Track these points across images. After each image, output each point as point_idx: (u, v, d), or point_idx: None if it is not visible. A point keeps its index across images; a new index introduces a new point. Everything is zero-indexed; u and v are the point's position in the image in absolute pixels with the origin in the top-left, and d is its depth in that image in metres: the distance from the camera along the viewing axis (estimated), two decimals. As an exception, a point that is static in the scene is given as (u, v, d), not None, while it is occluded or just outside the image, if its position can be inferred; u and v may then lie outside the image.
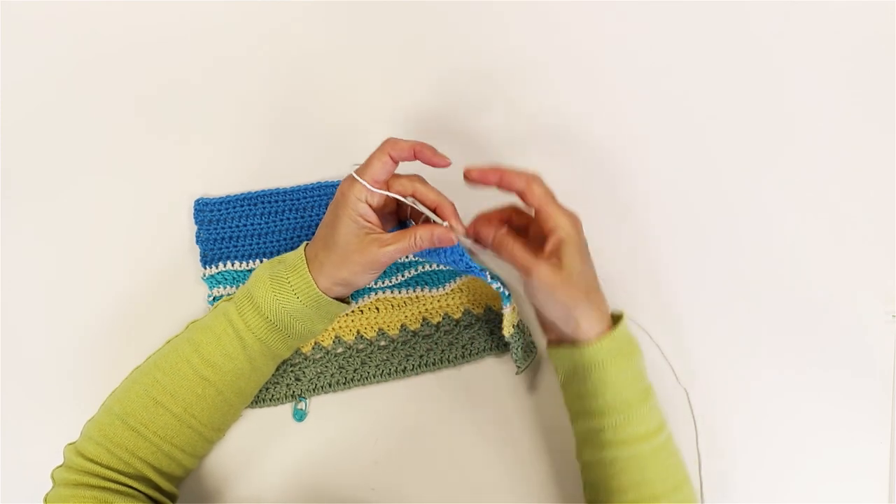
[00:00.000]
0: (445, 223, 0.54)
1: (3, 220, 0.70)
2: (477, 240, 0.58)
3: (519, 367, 0.64)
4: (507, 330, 0.58)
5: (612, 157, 0.72)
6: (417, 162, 0.55)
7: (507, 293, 0.57)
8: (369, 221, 0.54)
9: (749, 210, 0.72)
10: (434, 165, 0.54)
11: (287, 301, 0.56)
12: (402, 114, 0.72)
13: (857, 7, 0.75)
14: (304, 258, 0.56)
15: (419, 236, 0.54)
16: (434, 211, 0.55)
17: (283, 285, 0.56)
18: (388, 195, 0.55)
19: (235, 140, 0.71)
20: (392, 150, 0.53)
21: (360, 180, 0.53)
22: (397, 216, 0.60)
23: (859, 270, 0.71)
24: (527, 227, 0.59)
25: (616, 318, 0.58)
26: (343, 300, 0.59)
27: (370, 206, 0.54)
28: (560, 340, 0.58)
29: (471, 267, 0.56)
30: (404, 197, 0.55)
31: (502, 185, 0.56)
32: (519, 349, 0.62)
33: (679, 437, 0.59)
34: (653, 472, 0.55)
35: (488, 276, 0.57)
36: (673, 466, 0.57)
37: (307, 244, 0.58)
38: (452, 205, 0.56)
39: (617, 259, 0.65)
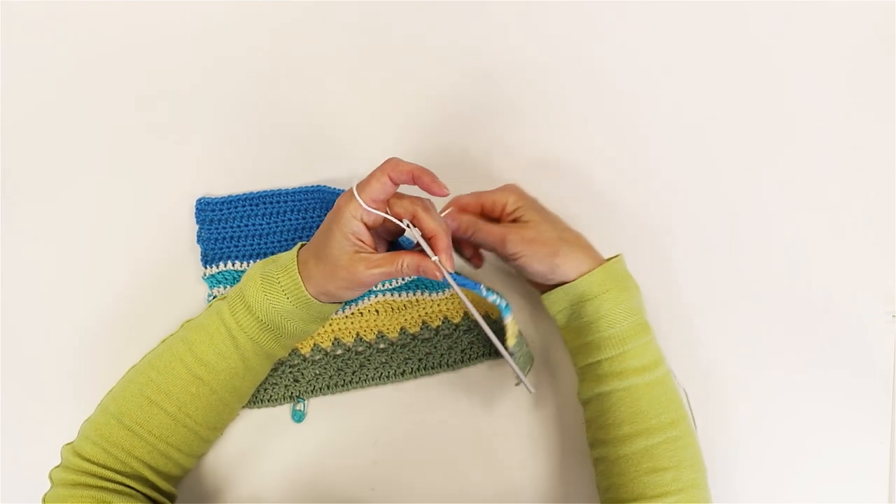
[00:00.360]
0: (436, 257, 0.53)
1: (3, 220, 0.70)
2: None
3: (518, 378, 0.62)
4: (511, 340, 0.58)
5: (612, 157, 0.72)
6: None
7: (504, 304, 0.57)
8: (361, 240, 0.54)
9: (749, 210, 0.72)
10: (432, 194, 0.54)
11: (277, 301, 0.56)
12: (403, 114, 0.72)
13: (857, 7, 0.75)
14: (296, 260, 0.56)
15: (406, 264, 0.53)
16: (430, 240, 0.54)
17: (273, 285, 0.56)
18: (383, 216, 0.54)
19: (236, 140, 0.71)
20: (392, 171, 0.52)
21: (358, 199, 0.52)
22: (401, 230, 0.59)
23: (859, 270, 0.71)
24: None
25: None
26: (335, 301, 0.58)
27: (365, 224, 0.54)
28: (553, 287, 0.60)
29: (464, 284, 0.55)
30: (401, 220, 0.54)
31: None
32: (519, 360, 0.60)
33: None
34: (647, 405, 0.56)
35: (483, 290, 0.56)
36: (669, 402, 0.57)
37: (302, 245, 0.58)
38: (449, 237, 0.54)
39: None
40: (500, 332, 0.58)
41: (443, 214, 0.61)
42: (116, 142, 0.71)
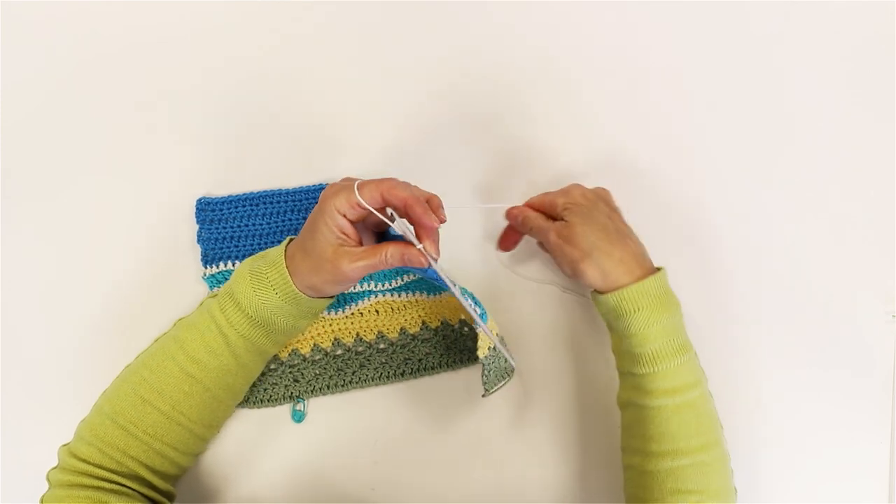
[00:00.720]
0: (420, 245, 0.53)
1: (3, 220, 0.70)
2: (513, 223, 0.66)
3: (487, 389, 0.59)
4: (482, 351, 0.56)
5: (611, 156, 0.72)
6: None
7: (479, 312, 0.55)
8: (345, 234, 0.54)
9: (749, 210, 0.72)
10: (422, 226, 0.53)
11: (267, 297, 0.55)
12: (403, 114, 0.72)
13: (857, 7, 0.75)
14: (283, 254, 0.56)
15: (389, 254, 0.53)
16: (416, 228, 0.53)
17: (262, 281, 0.56)
18: (370, 210, 0.53)
19: (236, 140, 0.71)
20: (387, 192, 0.52)
21: (357, 195, 0.52)
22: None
23: (859, 270, 0.71)
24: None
25: None
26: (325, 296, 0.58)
27: (348, 219, 0.53)
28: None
29: (447, 285, 0.55)
30: (386, 214, 0.53)
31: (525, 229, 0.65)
32: (490, 372, 0.59)
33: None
34: (676, 428, 0.56)
35: (457, 292, 0.55)
36: (700, 426, 0.57)
37: (290, 240, 0.58)
38: (435, 224, 0.53)
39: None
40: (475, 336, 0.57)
41: (512, 209, 0.66)
42: (116, 142, 0.71)
